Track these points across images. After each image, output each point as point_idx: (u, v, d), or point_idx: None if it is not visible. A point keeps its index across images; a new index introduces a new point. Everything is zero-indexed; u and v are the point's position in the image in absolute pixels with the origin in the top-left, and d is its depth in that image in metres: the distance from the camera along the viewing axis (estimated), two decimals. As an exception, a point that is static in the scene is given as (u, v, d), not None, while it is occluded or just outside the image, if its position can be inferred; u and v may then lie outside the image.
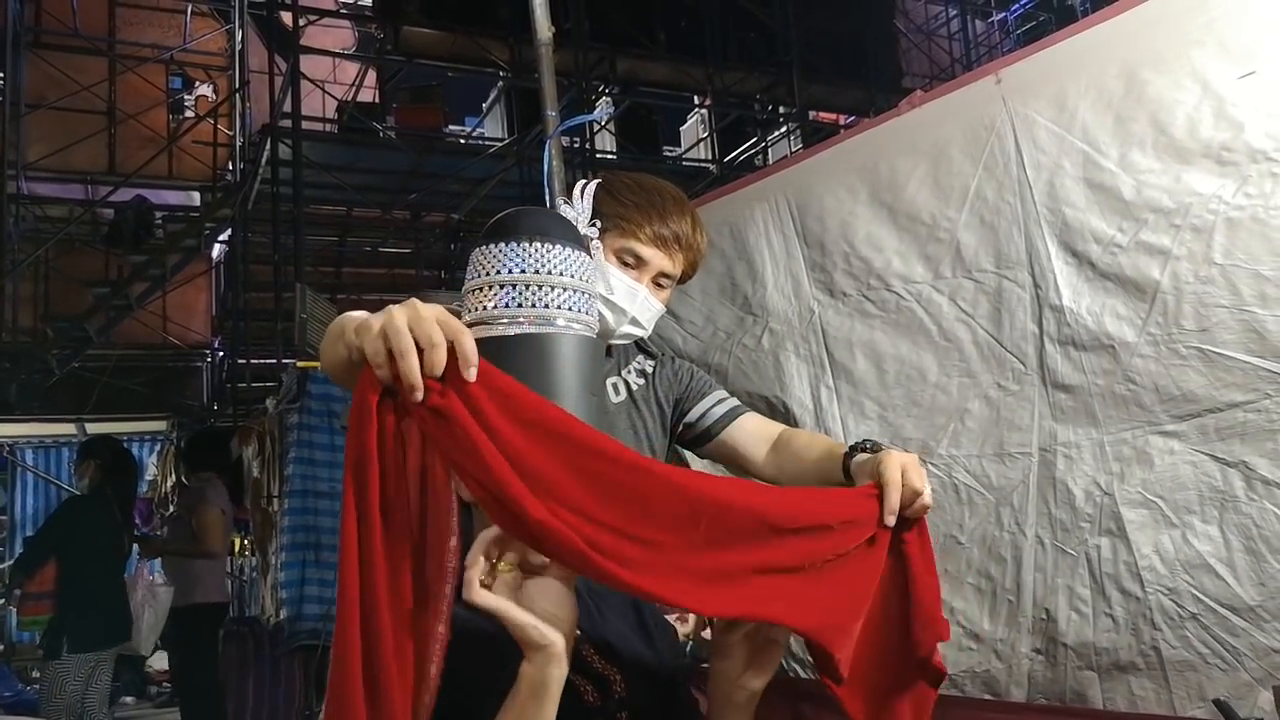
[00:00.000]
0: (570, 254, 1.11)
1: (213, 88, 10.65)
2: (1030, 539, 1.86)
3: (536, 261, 1.09)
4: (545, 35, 3.17)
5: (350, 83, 9.59)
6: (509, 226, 1.12)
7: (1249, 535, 1.62)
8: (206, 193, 10.07)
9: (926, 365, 2.02)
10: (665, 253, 1.50)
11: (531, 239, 1.10)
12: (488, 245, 1.11)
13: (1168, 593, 1.71)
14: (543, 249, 1.10)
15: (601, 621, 1.17)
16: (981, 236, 1.94)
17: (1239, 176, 1.61)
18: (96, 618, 4.64)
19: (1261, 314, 1.58)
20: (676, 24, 9.72)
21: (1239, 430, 1.61)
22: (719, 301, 2.47)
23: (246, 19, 9.45)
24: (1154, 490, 1.70)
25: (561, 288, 1.09)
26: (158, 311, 10.22)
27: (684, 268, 1.55)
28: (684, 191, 1.62)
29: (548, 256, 1.10)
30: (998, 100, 1.91)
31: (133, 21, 10.47)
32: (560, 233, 1.13)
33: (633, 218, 1.48)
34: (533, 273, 1.09)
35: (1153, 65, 1.71)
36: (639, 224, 1.48)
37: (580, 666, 1.09)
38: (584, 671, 1.10)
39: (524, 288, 1.08)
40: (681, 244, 1.51)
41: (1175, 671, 1.71)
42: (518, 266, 1.09)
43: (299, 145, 7.44)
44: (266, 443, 6.66)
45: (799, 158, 2.41)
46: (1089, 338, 1.77)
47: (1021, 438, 1.85)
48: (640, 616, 1.24)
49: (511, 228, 1.12)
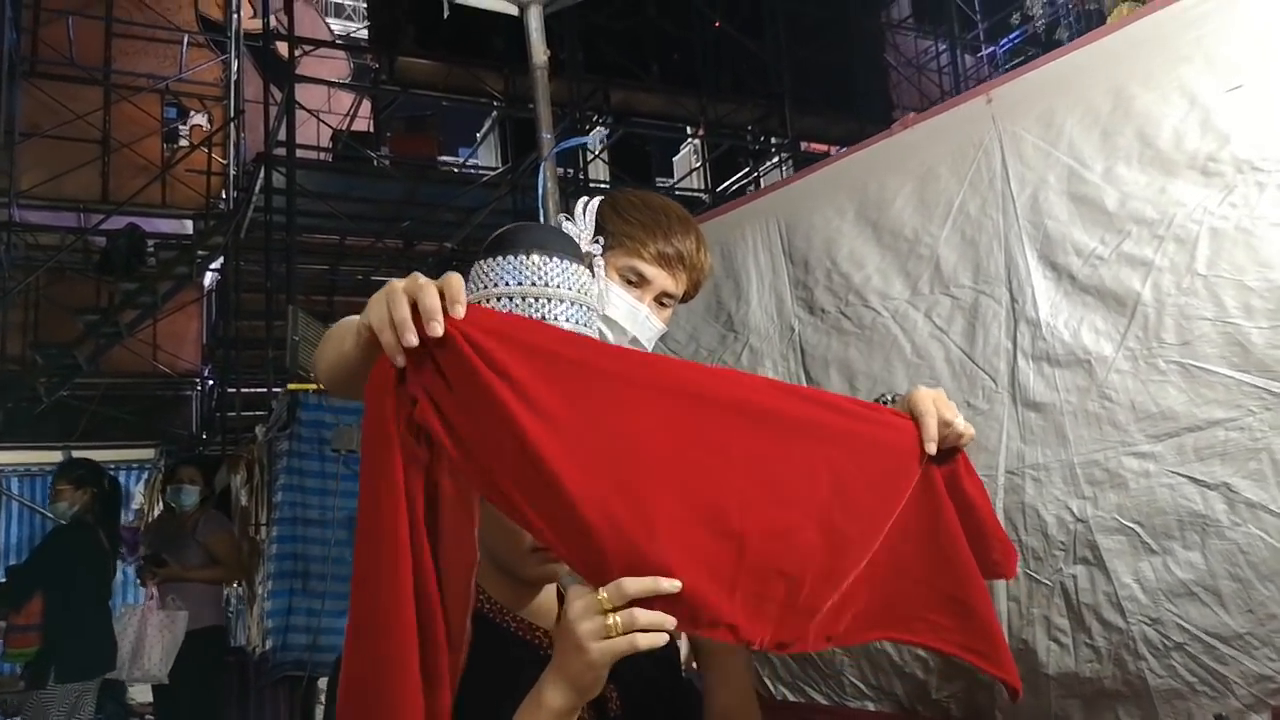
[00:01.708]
0: (570, 267, 1.13)
1: (207, 117, 10.70)
2: None
3: (535, 274, 1.11)
4: (541, 58, 3.17)
5: (345, 112, 9.64)
6: (509, 240, 1.14)
7: (1234, 561, 1.57)
8: (199, 221, 10.08)
9: (897, 383, 1.98)
10: (669, 272, 1.47)
11: (530, 252, 1.12)
12: (488, 259, 1.13)
13: (1151, 623, 1.65)
14: (542, 262, 1.12)
15: None
16: (962, 252, 1.91)
17: (1224, 186, 1.59)
18: (84, 647, 4.56)
19: (1246, 326, 1.54)
20: (670, 56, 9.81)
21: (1219, 450, 1.56)
22: (704, 319, 2.44)
23: (242, 49, 9.51)
24: (1130, 515, 1.65)
25: (560, 299, 1.11)
26: (148, 340, 10.18)
27: (687, 287, 1.52)
28: None
29: (547, 269, 1.12)
30: (987, 119, 1.90)
31: (129, 51, 10.52)
32: (560, 247, 1.15)
33: (637, 236, 1.45)
34: (530, 285, 1.11)
35: (1141, 81, 1.70)
36: (643, 242, 1.45)
37: None
38: None
39: (523, 299, 1.10)
40: (685, 263, 1.48)
41: (1163, 699, 1.65)
42: (517, 279, 1.11)
43: (292, 173, 7.45)
44: (255, 470, 6.60)
45: (791, 180, 2.40)
46: (1064, 352, 1.73)
47: (988, 460, 1.79)
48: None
49: (511, 241, 1.14)
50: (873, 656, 2.06)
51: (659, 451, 0.92)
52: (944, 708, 1.91)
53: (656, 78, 9.61)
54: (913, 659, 1.99)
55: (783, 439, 1.00)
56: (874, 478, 1.04)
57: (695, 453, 0.94)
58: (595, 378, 0.92)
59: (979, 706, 1.86)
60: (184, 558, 5.22)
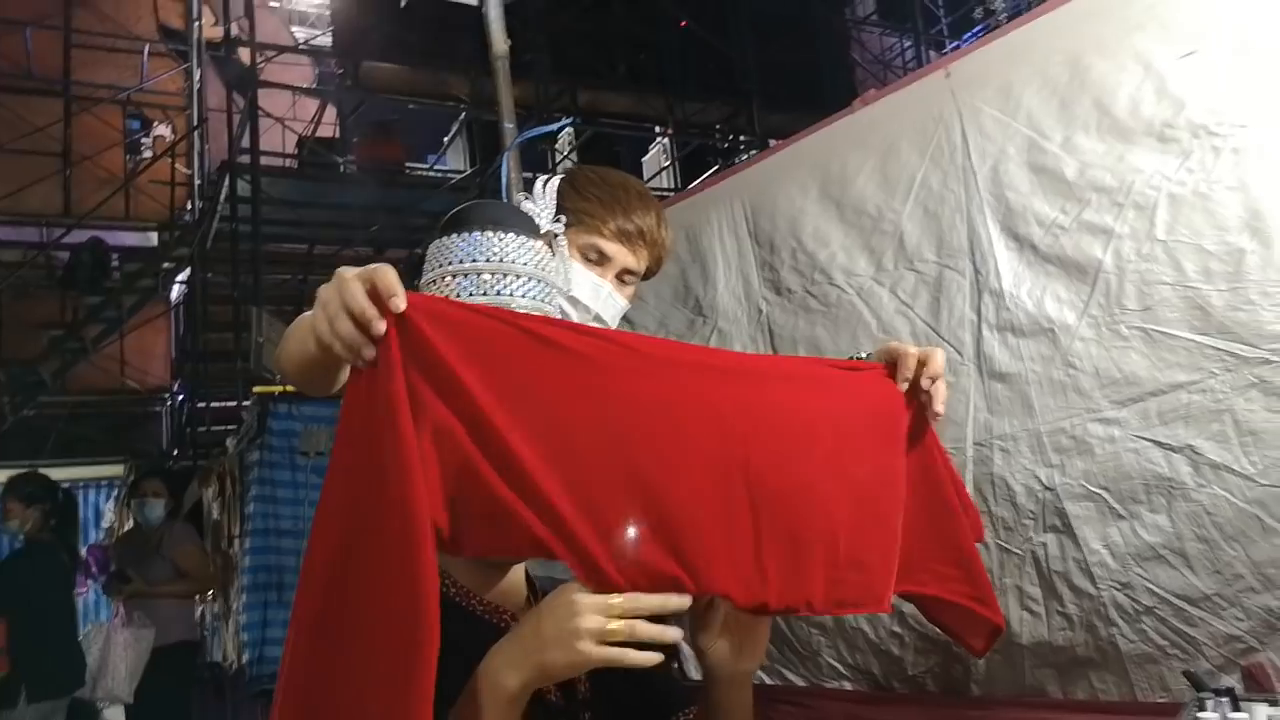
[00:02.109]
0: (527, 243, 1.11)
1: (170, 127, 10.56)
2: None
3: (491, 250, 1.09)
4: (501, 48, 3.18)
5: (310, 119, 9.55)
6: (464, 218, 1.12)
7: (1200, 523, 1.58)
8: (164, 233, 9.94)
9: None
10: (629, 248, 1.46)
11: (485, 228, 1.10)
12: (443, 237, 1.11)
13: (1121, 588, 1.66)
14: (498, 238, 1.10)
15: None
16: (925, 226, 1.92)
17: (1181, 152, 1.60)
18: (53, 666, 4.47)
19: (1205, 289, 1.56)
20: (637, 56, 9.81)
21: (1183, 412, 1.57)
22: (672, 305, 2.44)
23: (204, 57, 9.40)
24: (1096, 481, 1.66)
25: (517, 274, 1.09)
26: (115, 355, 10.02)
27: (649, 263, 1.50)
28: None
29: (504, 245, 1.10)
30: (946, 93, 1.91)
31: (88, 63, 10.38)
32: (516, 223, 1.13)
33: (596, 213, 1.44)
34: (485, 261, 1.09)
35: (1096, 50, 1.71)
36: (603, 219, 1.44)
37: None
38: None
39: (478, 275, 1.08)
40: (646, 239, 1.47)
41: (1135, 665, 1.66)
42: (471, 256, 1.09)
43: (257, 180, 7.37)
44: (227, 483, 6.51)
45: (756, 160, 2.41)
46: (1028, 322, 1.73)
47: (956, 432, 1.80)
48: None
49: (467, 219, 1.12)
50: (849, 635, 2.05)
51: (641, 423, 0.89)
52: (920, 683, 1.91)
53: (624, 78, 9.61)
54: (889, 636, 1.98)
55: (769, 390, 0.98)
56: (871, 423, 1.03)
57: (685, 420, 0.91)
58: (567, 359, 0.89)
59: (954, 679, 1.86)
60: (150, 573, 5.10)
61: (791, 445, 0.95)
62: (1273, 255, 1.49)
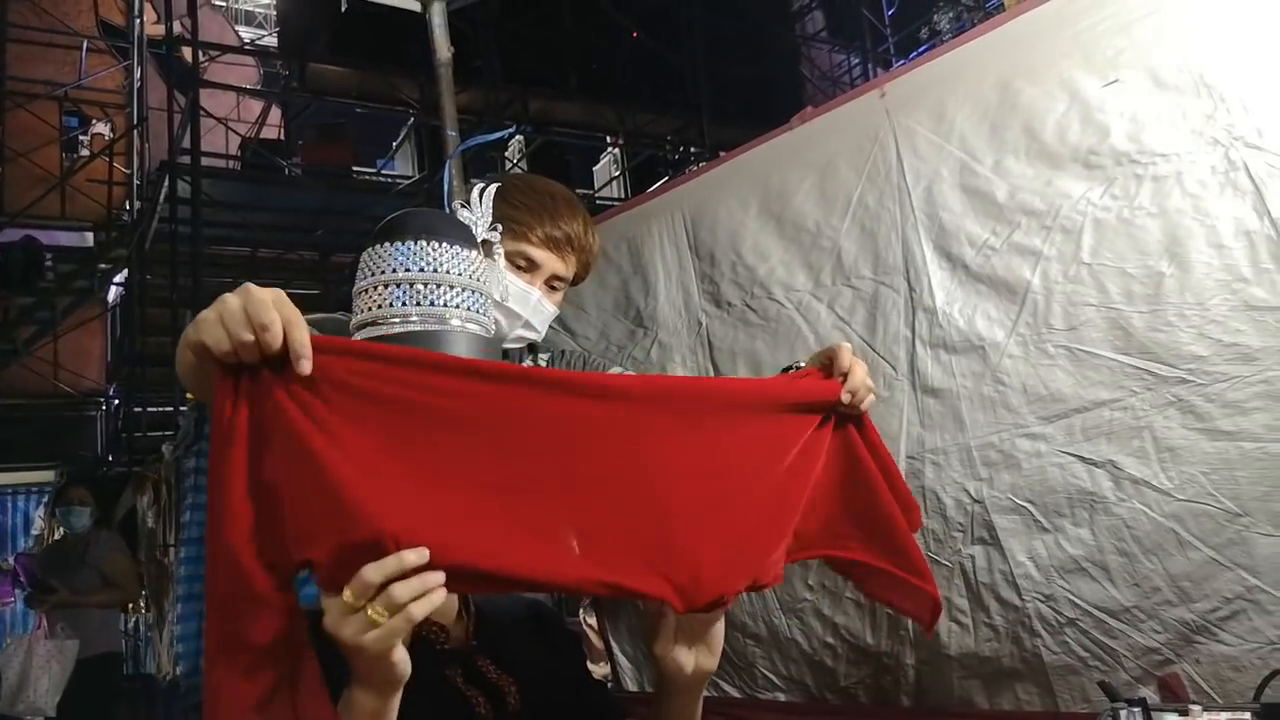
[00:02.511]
0: (462, 253, 1.10)
1: (109, 125, 10.31)
2: None
3: (425, 259, 1.07)
4: (445, 55, 3.17)
5: (254, 120, 9.40)
6: (398, 226, 1.10)
7: (1120, 536, 1.62)
8: (101, 233, 9.69)
9: (803, 375, 2.01)
10: (558, 255, 1.47)
11: (419, 237, 1.08)
12: (376, 246, 1.09)
13: (1045, 599, 1.70)
14: (433, 247, 1.08)
15: (496, 632, 1.14)
16: (862, 244, 1.95)
17: (1105, 179, 1.65)
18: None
19: (1127, 311, 1.60)
20: (588, 66, 9.82)
21: (1105, 429, 1.62)
22: (613, 316, 2.44)
23: (145, 55, 9.20)
24: (1023, 495, 1.70)
25: (451, 285, 1.07)
26: (48, 358, 9.74)
27: (577, 269, 1.51)
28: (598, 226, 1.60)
29: (438, 255, 1.08)
30: (882, 113, 1.94)
31: (25, 58, 10.09)
32: (452, 233, 1.11)
33: (524, 220, 1.45)
34: (419, 271, 1.07)
35: (1025, 76, 1.75)
36: (530, 226, 1.45)
37: (474, 678, 1.08)
38: (477, 683, 1.08)
39: (414, 286, 1.06)
40: (574, 245, 1.48)
41: (1058, 676, 1.70)
42: (405, 265, 1.07)
43: (198, 181, 7.22)
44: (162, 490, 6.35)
45: (697, 174, 2.42)
46: (960, 339, 1.77)
47: (890, 446, 1.81)
48: (540, 622, 1.22)
49: (400, 227, 1.10)
50: (783, 646, 2.07)
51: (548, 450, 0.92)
52: (852, 694, 1.93)
53: (575, 87, 9.61)
54: (822, 647, 2.01)
55: (680, 425, 1.00)
56: (781, 424, 1.06)
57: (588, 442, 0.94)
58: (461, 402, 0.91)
59: (885, 691, 1.89)
60: (76, 583, 4.94)
61: (701, 464, 0.99)
62: (1190, 279, 1.54)
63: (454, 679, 1.07)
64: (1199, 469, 1.54)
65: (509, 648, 1.13)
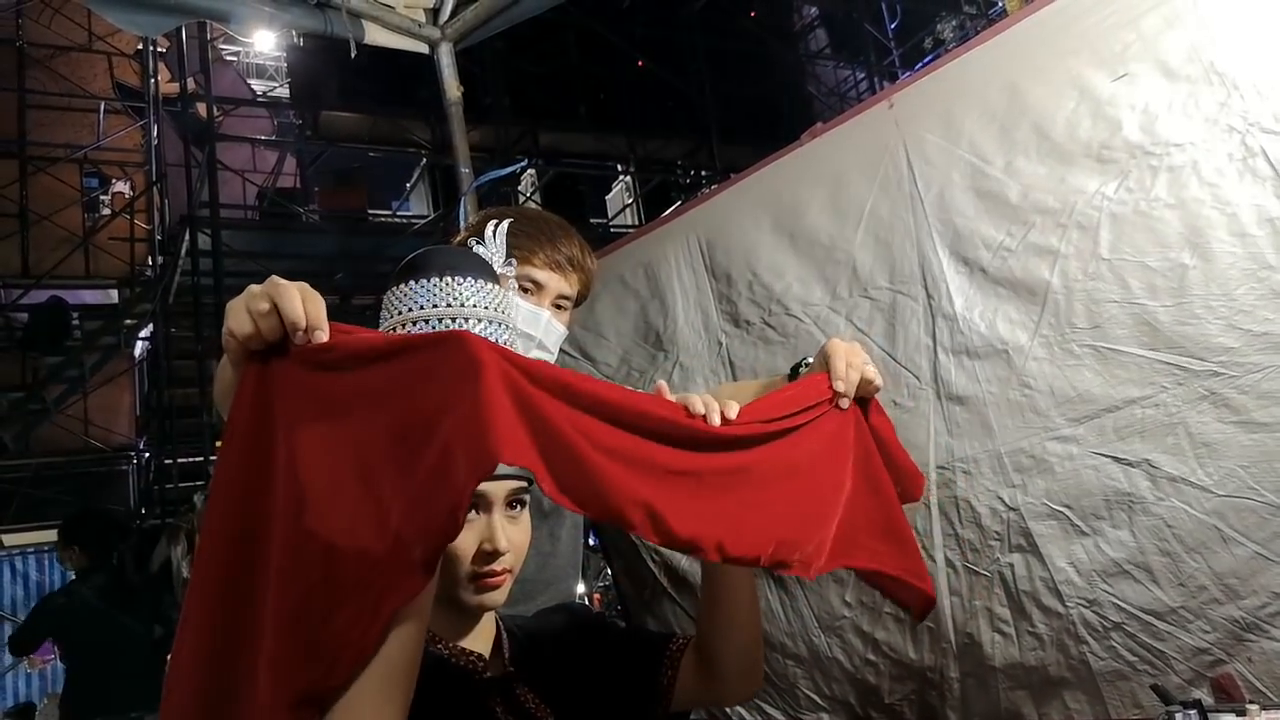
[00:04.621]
0: (485, 286, 1.12)
1: (129, 183, 10.49)
2: (940, 563, 1.81)
3: (449, 296, 1.09)
4: (454, 94, 3.22)
5: (270, 170, 9.53)
6: (419, 265, 1.12)
7: (1161, 536, 1.59)
8: (125, 289, 9.83)
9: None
10: (561, 275, 1.56)
11: (442, 274, 1.10)
12: (399, 285, 1.12)
13: (1088, 605, 1.66)
14: (454, 283, 1.10)
15: (535, 657, 1.16)
16: (877, 254, 1.93)
17: (1119, 172, 1.63)
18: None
19: (1152, 306, 1.58)
20: (596, 96, 9.90)
21: (1138, 427, 1.59)
22: (634, 341, 2.44)
23: (161, 113, 9.36)
24: (1058, 499, 1.67)
25: (477, 319, 1.09)
26: (78, 415, 9.85)
27: (579, 288, 1.60)
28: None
29: (460, 290, 1.10)
30: (891, 124, 1.94)
31: (44, 122, 10.29)
32: (471, 267, 1.13)
33: (525, 245, 1.53)
34: (445, 306, 1.09)
35: (1032, 77, 1.74)
36: (532, 250, 1.53)
37: (513, 708, 1.09)
38: (516, 713, 1.10)
39: (439, 322, 1.08)
40: (575, 265, 1.57)
41: (1106, 682, 1.66)
42: (430, 302, 1.09)
43: (218, 233, 7.33)
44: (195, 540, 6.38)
45: (709, 195, 2.43)
46: (982, 344, 1.75)
47: (919, 456, 1.81)
48: (581, 633, 1.24)
49: (422, 265, 1.12)
50: (824, 665, 2.04)
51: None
52: (897, 711, 1.89)
53: (584, 118, 9.70)
54: (864, 664, 1.97)
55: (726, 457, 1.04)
56: (811, 429, 1.10)
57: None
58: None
59: (930, 706, 1.85)
60: None
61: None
62: (1214, 270, 1.52)
63: (494, 708, 1.09)
64: (1238, 463, 1.51)
65: (547, 673, 1.15)
